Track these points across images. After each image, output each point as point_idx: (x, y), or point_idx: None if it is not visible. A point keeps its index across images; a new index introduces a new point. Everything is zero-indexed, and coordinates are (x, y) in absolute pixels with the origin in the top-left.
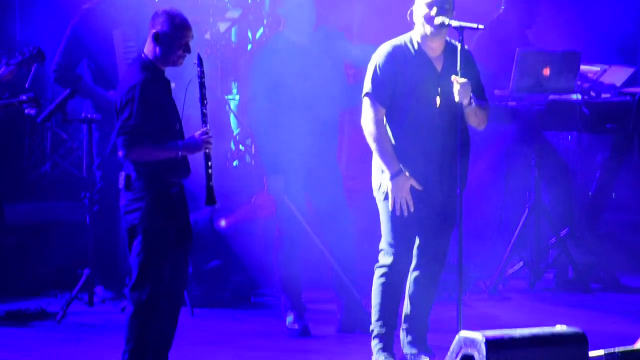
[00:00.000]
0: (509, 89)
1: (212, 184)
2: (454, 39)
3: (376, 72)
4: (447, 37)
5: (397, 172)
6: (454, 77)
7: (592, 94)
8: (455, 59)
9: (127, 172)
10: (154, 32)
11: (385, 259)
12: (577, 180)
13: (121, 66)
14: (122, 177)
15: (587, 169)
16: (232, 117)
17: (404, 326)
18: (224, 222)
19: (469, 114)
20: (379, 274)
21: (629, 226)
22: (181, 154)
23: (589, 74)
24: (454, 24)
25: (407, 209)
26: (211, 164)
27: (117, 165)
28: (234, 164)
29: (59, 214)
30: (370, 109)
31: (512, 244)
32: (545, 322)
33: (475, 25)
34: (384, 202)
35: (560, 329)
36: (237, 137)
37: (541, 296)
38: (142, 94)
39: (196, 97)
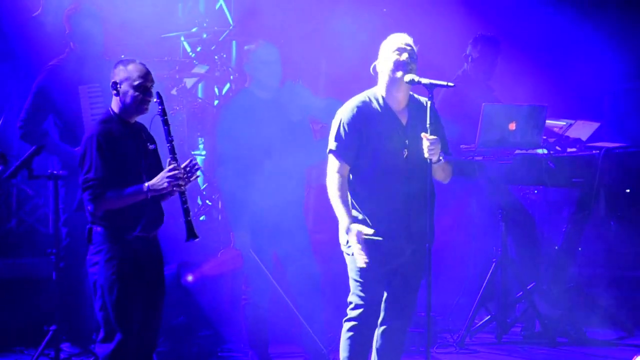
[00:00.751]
0: (475, 143)
1: (190, 219)
2: (416, 94)
3: (341, 129)
4: (410, 91)
5: (350, 224)
6: (424, 134)
7: (558, 148)
8: (419, 112)
9: (90, 226)
10: (112, 82)
11: (353, 312)
12: (543, 234)
13: (87, 122)
14: (86, 230)
15: (554, 222)
16: (198, 172)
17: None
18: (190, 277)
19: (436, 169)
20: (347, 327)
21: (595, 280)
22: (150, 195)
23: (555, 129)
24: (424, 81)
25: (373, 262)
26: (186, 199)
27: (83, 221)
28: (201, 219)
29: (25, 270)
30: (334, 166)
31: (480, 297)
32: None
33: (445, 82)
34: (351, 257)
35: None
36: (204, 193)
37: (508, 349)
38: (99, 145)
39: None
